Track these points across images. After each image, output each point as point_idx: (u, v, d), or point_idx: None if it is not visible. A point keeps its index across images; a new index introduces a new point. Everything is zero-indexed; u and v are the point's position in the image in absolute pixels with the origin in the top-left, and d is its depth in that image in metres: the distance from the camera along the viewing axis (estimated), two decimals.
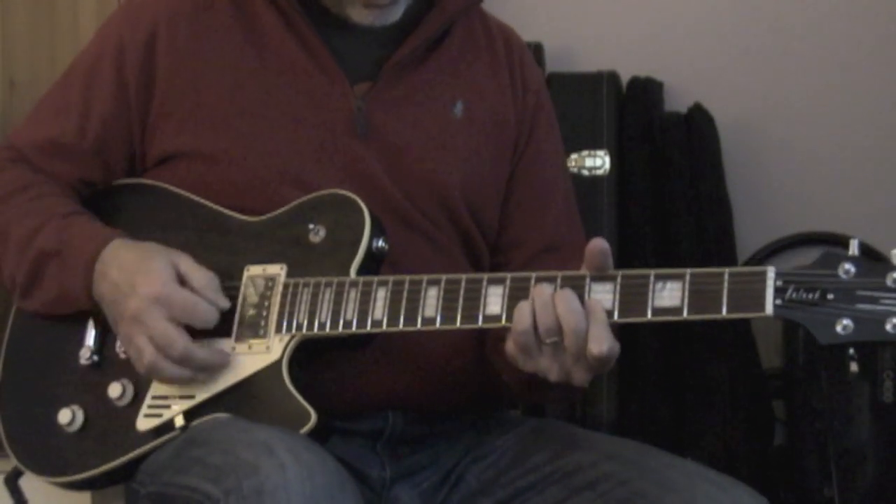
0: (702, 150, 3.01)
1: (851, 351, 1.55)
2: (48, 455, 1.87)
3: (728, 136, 3.03)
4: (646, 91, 3.05)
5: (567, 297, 1.61)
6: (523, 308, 1.63)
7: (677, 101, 3.08)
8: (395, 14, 1.88)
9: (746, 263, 3.12)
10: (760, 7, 3.12)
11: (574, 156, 2.95)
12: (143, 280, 1.76)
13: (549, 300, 1.62)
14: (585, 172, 2.95)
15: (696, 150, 3.01)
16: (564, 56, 3.10)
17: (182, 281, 1.78)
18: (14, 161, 1.96)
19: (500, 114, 1.97)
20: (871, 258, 1.52)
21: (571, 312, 1.60)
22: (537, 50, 3.02)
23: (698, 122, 3.02)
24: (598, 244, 1.63)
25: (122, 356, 1.84)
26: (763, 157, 3.11)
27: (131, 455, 1.80)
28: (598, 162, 2.96)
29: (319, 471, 1.58)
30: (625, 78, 3.06)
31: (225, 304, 1.78)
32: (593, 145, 2.97)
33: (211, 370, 1.76)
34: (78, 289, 1.82)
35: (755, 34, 3.11)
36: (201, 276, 1.78)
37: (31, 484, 1.99)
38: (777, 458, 2.91)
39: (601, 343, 1.59)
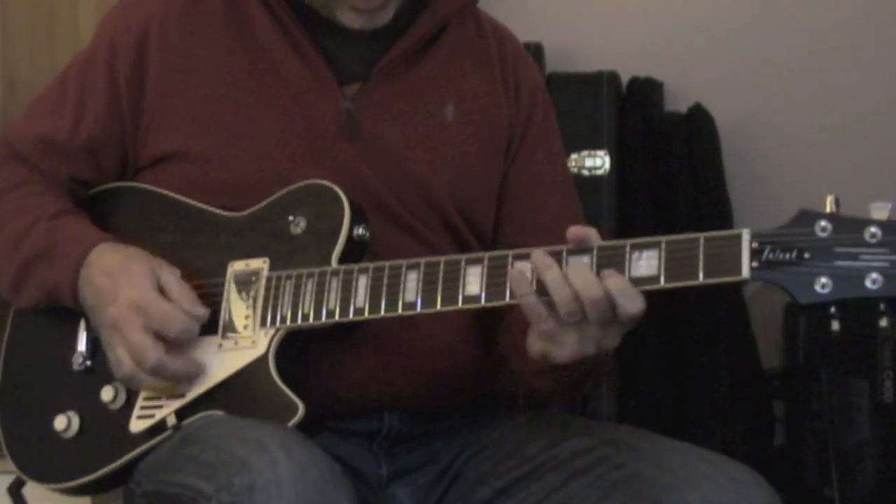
0: (702, 150, 3.01)
1: (833, 309, 1.52)
2: (47, 462, 1.87)
3: (728, 136, 3.03)
4: (646, 91, 3.05)
5: (579, 271, 1.59)
6: (529, 301, 1.61)
7: (677, 101, 3.09)
8: (385, 17, 1.87)
9: None
10: (760, 7, 3.12)
11: (574, 156, 2.95)
12: (125, 287, 1.76)
13: (561, 280, 1.59)
14: (585, 172, 2.96)
15: (696, 150, 3.01)
16: (564, 56, 3.10)
17: (162, 290, 1.78)
18: (9, 158, 1.96)
19: (492, 116, 1.95)
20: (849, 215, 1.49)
21: (586, 284, 1.58)
22: (537, 50, 3.02)
23: (698, 122, 3.02)
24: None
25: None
26: (763, 158, 3.12)
27: (127, 457, 1.80)
28: (598, 162, 2.96)
29: (312, 467, 1.58)
30: (625, 78, 3.06)
31: (201, 312, 1.77)
32: (593, 145, 2.97)
33: (186, 380, 1.77)
34: (65, 290, 1.82)
35: (755, 34, 3.12)
36: (179, 287, 1.78)
37: (34, 491, 1.99)
38: (777, 458, 2.91)
39: (634, 301, 1.56)
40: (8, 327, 1.97)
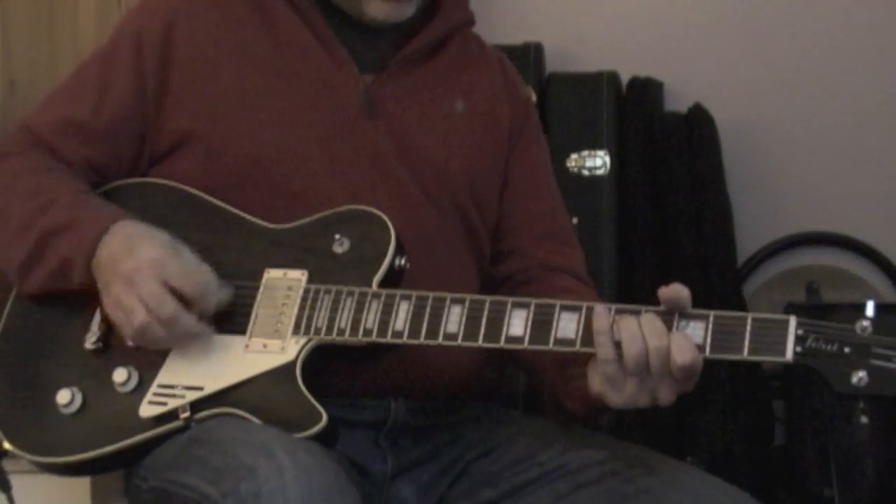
0: (702, 150, 3.01)
1: (862, 404, 1.63)
2: (41, 434, 1.84)
3: (728, 136, 3.03)
4: (646, 91, 3.05)
5: (651, 319, 1.65)
6: (604, 340, 1.66)
7: (677, 101, 3.10)
8: (409, 10, 1.94)
9: (747, 263, 3.13)
10: (760, 7, 3.12)
11: (574, 156, 2.95)
12: (143, 245, 1.77)
13: (637, 331, 1.64)
14: (585, 172, 2.96)
15: (696, 150, 3.02)
16: (564, 56, 3.11)
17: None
18: (29, 145, 1.97)
19: (496, 113, 2.04)
20: (887, 314, 1.60)
21: (655, 331, 1.64)
22: (537, 50, 3.02)
23: (698, 122, 3.03)
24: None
25: (131, 343, 1.84)
26: (763, 157, 3.12)
27: (128, 442, 1.79)
28: (598, 162, 2.97)
29: (317, 473, 1.58)
30: (625, 78, 3.06)
31: (225, 289, 1.79)
32: (593, 145, 2.97)
33: (193, 339, 1.77)
34: (80, 258, 1.81)
35: (755, 34, 3.12)
36: (204, 265, 1.80)
37: (30, 483, 1.98)
38: (777, 458, 2.92)
39: (684, 353, 1.62)
40: (11, 298, 1.95)
